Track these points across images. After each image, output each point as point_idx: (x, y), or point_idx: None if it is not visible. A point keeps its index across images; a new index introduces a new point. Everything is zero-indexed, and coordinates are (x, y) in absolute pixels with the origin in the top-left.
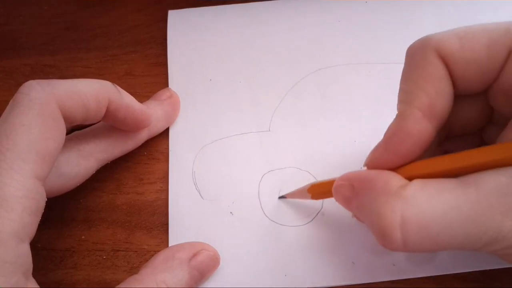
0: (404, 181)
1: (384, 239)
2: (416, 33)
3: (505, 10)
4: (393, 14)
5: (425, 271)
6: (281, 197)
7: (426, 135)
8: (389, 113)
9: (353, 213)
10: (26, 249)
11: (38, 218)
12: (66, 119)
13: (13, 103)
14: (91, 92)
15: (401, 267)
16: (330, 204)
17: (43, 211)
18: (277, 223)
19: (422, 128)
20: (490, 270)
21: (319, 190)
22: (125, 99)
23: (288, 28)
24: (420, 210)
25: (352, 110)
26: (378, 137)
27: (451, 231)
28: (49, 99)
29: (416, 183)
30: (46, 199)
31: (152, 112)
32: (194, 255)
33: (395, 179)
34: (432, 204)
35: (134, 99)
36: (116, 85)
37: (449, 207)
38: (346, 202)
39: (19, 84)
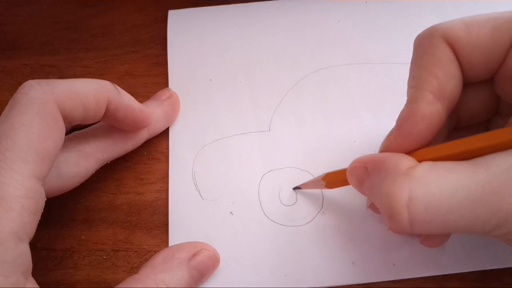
0: (414, 162)
1: (391, 218)
2: (416, 33)
3: (505, 10)
4: (393, 14)
5: (425, 271)
6: (295, 188)
7: (438, 117)
8: (389, 113)
9: (365, 195)
10: (25, 249)
11: (38, 218)
12: (65, 118)
13: (12, 102)
14: (90, 92)
15: (401, 267)
16: (330, 204)
17: (42, 210)
18: (277, 223)
19: (434, 109)
20: (490, 270)
21: (334, 179)
22: (124, 99)
23: (288, 28)
24: (428, 189)
25: (352, 110)
26: (378, 137)
27: (460, 211)
28: (48, 98)
29: (426, 163)
30: (46, 199)
31: (151, 112)
32: (194, 255)
33: (406, 160)
34: (440, 184)
35: (133, 98)
36: (115, 85)
37: (458, 187)
38: (359, 183)
39: (19, 84)
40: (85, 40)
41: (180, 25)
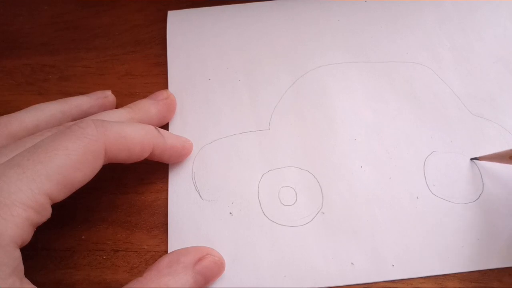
0: None
1: None
2: (416, 32)
3: (505, 10)
4: (393, 13)
5: (425, 271)
6: (473, 159)
7: None
8: (388, 111)
9: None
10: (19, 253)
11: (34, 230)
12: (109, 158)
13: (66, 130)
14: (137, 138)
15: (401, 267)
16: (329, 204)
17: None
18: (276, 223)
19: None
20: (490, 270)
21: None
22: (168, 142)
23: (288, 27)
24: None
25: (352, 108)
26: (378, 135)
27: None
28: (99, 138)
29: None
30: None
31: (190, 142)
32: (199, 259)
33: None
34: None
35: (175, 136)
36: (158, 128)
37: None
38: None
39: (19, 84)
40: (85, 40)
41: (179, 25)
